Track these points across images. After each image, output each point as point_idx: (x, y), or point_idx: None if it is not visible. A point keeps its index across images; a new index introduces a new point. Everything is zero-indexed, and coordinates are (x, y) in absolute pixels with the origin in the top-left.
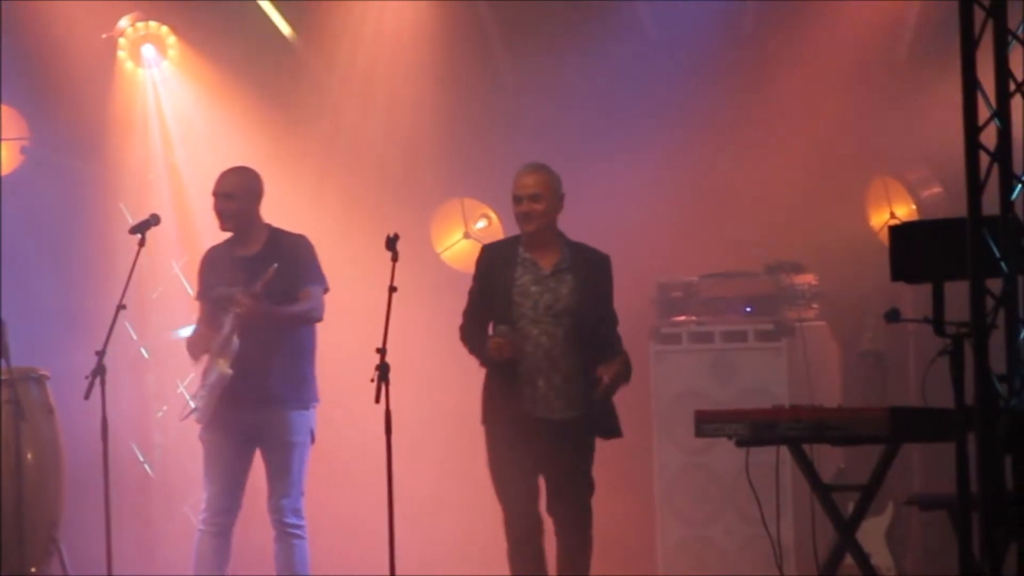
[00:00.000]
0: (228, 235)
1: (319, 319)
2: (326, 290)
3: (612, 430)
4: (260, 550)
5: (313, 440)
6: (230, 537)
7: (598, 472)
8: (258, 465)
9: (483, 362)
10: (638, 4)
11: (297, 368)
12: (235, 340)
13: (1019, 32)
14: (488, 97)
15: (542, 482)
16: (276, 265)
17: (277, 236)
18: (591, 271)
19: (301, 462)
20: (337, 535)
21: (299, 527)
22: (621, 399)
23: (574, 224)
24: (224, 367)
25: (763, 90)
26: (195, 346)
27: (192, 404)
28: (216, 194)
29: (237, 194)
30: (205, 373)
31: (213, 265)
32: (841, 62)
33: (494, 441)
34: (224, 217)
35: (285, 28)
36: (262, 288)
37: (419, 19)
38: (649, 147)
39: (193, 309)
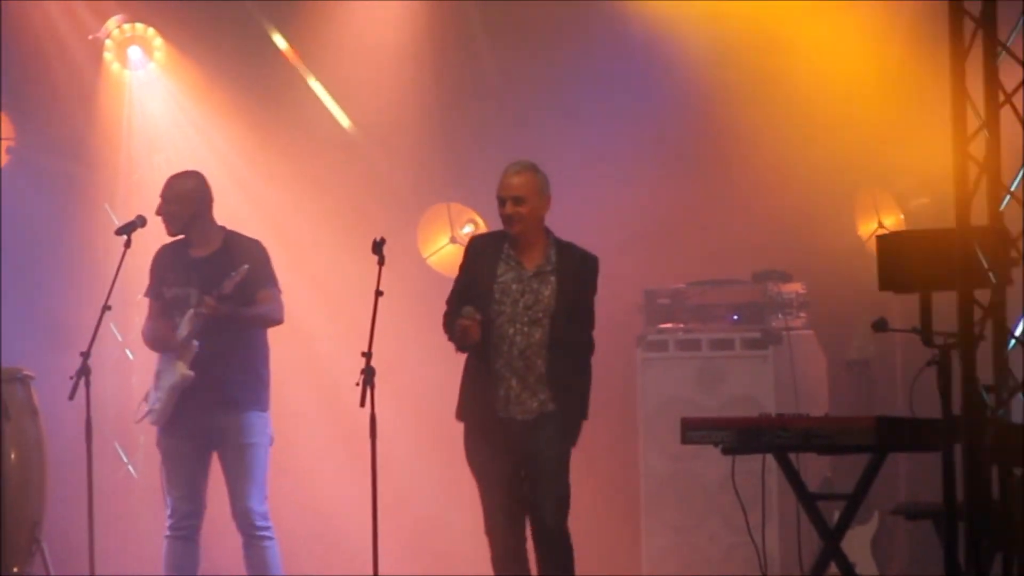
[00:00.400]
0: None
1: (280, 321)
2: (280, 292)
3: (577, 420)
4: (234, 553)
5: (271, 442)
6: (198, 540)
7: (584, 478)
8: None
9: (457, 348)
10: (626, 5)
11: (254, 371)
12: (194, 342)
13: (1008, 43)
14: (473, 99)
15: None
16: (247, 266)
17: (232, 239)
18: (575, 273)
19: (263, 464)
20: (316, 537)
21: (267, 528)
22: (607, 407)
23: (560, 228)
24: (184, 369)
25: (752, 97)
26: (157, 340)
27: (147, 405)
28: (162, 197)
29: (181, 199)
30: (159, 375)
31: (166, 264)
32: (830, 71)
33: (470, 438)
34: (167, 222)
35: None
36: (231, 289)
37: (405, 19)
38: (637, 153)
39: None
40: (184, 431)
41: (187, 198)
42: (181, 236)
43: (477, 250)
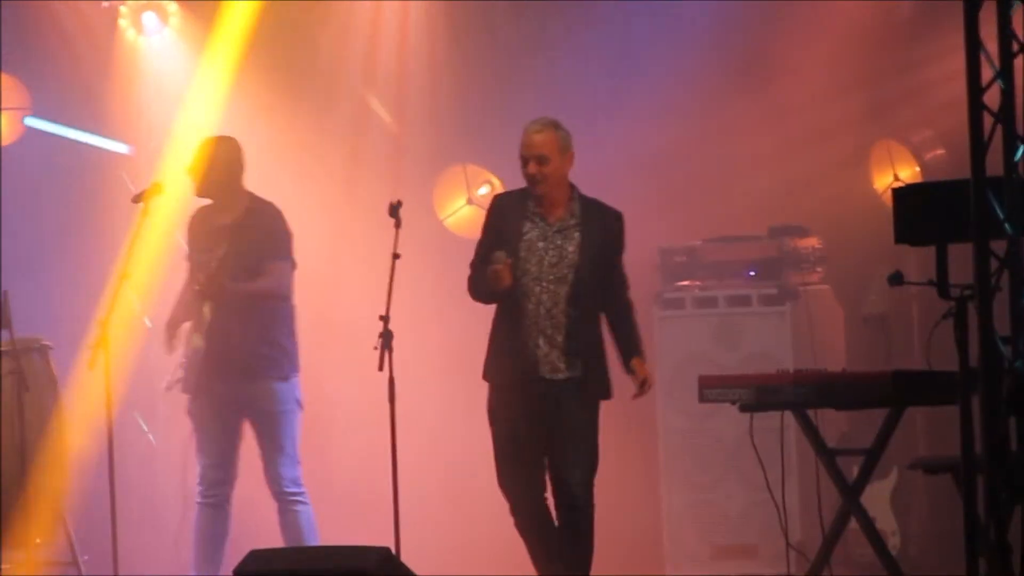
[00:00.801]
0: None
1: (284, 295)
2: (294, 266)
3: (606, 391)
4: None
5: (300, 408)
6: (228, 508)
7: (602, 437)
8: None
9: (488, 298)
10: None
11: (273, 340)
12: (206, 312)
13: None
14: (489, 56)
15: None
16: (224, 251)
17: (256, 206)
18: (600, 228)
19: (292, 431)
20: (338, 503)
21: (300, 494)
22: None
23: (579, 189)
24: (198, 340)
25: (766, 53)
26: (183, 306)
27: (173, 375)
28: (192, 161)
29: (213, 162)
30: (186, 345)
31: (195, 229)
32: (843, 24)
33: (495, 396)
34: (199, 184)
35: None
36: (216, 266)
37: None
38: (652, 110)
39: None
40: (212, 399)
41: (220, 162)
42: (209, 202)
43: (501, 208)
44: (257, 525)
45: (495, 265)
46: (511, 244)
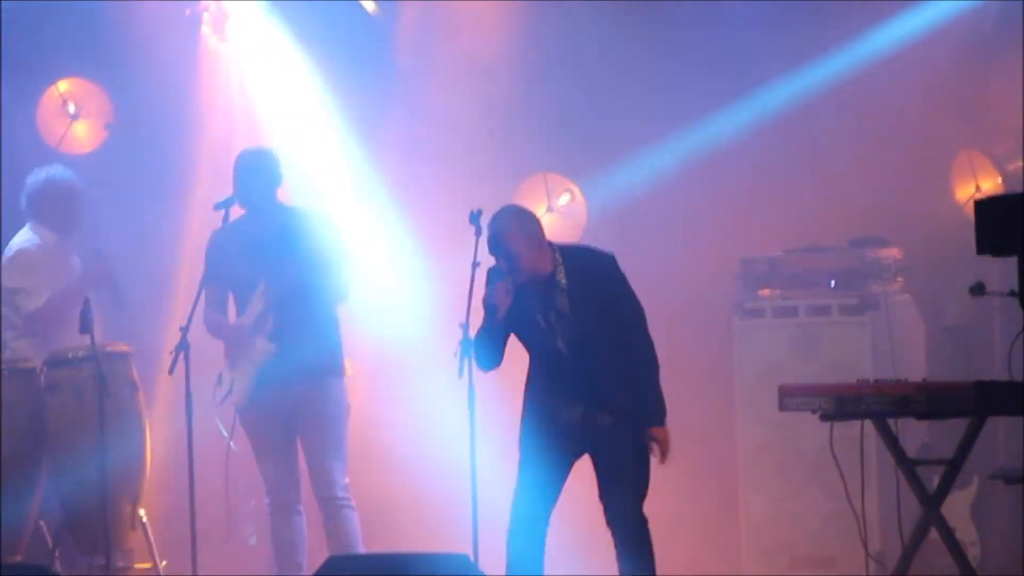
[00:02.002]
0: (230, 218)
1: (349, 290)
2: (353, 265)
3: (651, 419)
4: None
5: (348, 411)
6: (301, 512)
7: (680, 447)
8: None
9: (487, 349)
10: None
11: (328, 338)
12: (271, 316)
13: None
14: (570, 63)
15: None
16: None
17: (297, 213)
18: (589, 280)
19: (343, 435)
20: (417, 509)
21: (349, 499)
22: (704, 375)
23: (656, 200)
24: (265, 343)
25: (849, 62)
26: (220, 328)
27: (226, 388)
28: (239, 169)
29: (260, 169)
30: (234, 355)
31: (223, 247)
32: (928, 32)
33: (529, 424)
34: (248, 193)
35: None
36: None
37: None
38: (732, 122)
39: None
40: (265, 406)
41: (268, 167)
42: (235, 218)
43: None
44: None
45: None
46: (519, 320)
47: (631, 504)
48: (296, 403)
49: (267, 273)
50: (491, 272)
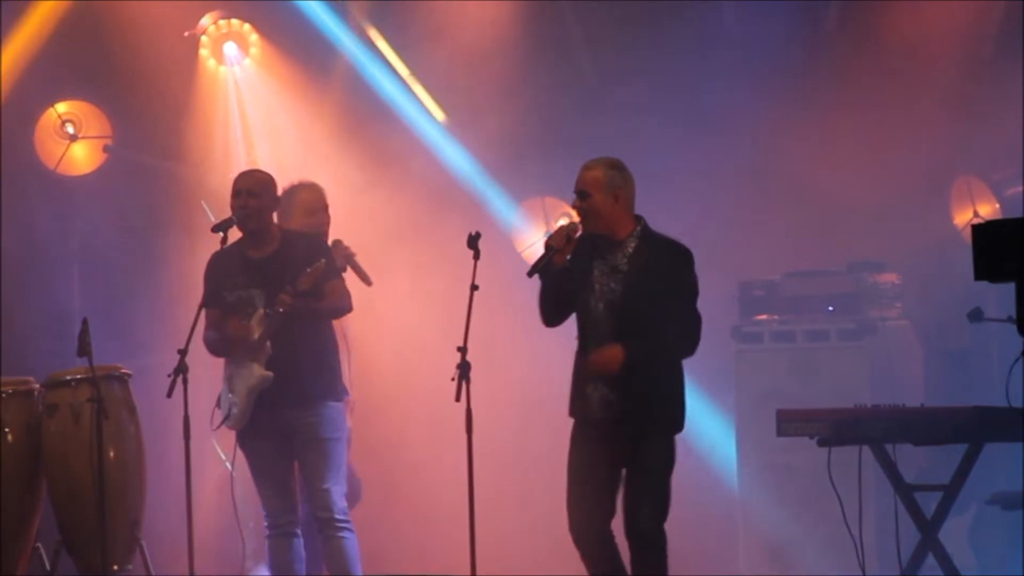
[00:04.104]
0: (229, 240)
1: (350, 309)
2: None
3: (674, 425)
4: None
5: (349, 434)
6: (299, 535)
7: (678, 470)
8: None
9: (550, 299)
10: (721, 3)
11: (325, 362)
12: (268, 344)
13: None
14: (568, 85)
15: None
16: (324, 261)
17: (290, 237)
18: (652, 267)
19: (342, 458)
20: (416, 532)
21: (348, 522)
22: (702, 396)
23: (656, 220)
24: (261, 370)
25: (846, 89)
26: (225, 344)
27: (224, 412)
28: (238, 192)
29: (260, 192)
30: (232, 379)
31: (223, 269)
32: (925, 61)
33: (575, 434)
34: (247, 215)
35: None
36: (309, 285)
37: (500, 18)
38: (731, 144)
39: None
40: (263, 430)
41: (272, 192)
42: (230, 240)
43: (576, 251)
44: None
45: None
46: (581, 291)
47: (654, 515)
48: (294, 427)
49: (265, 298)
50: (579, 242)
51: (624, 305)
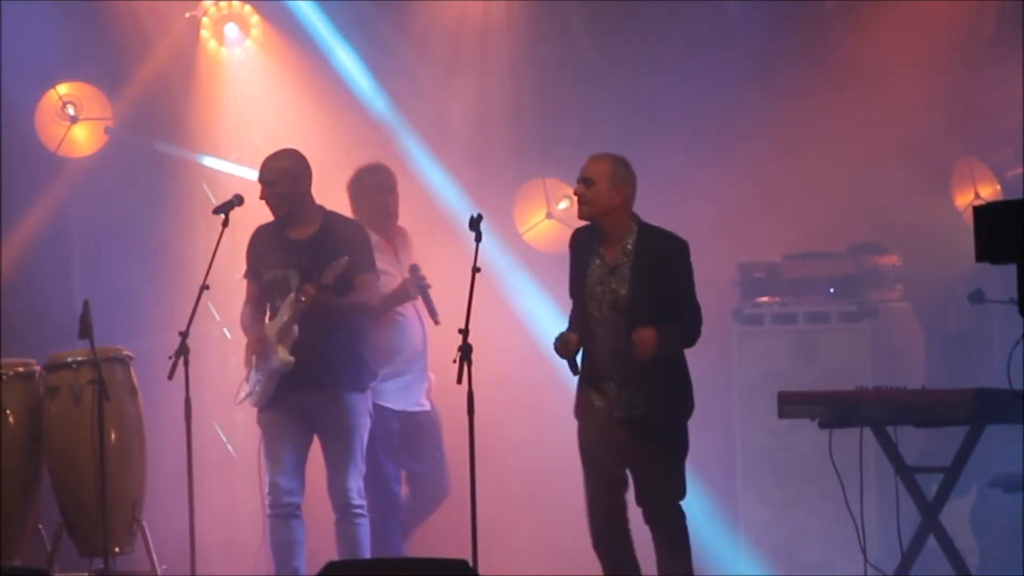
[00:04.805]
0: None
1: (374, 306)
2: (378, 276)
3: (685, 411)
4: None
5: (371, 421)
6: (301, 518)
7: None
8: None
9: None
10: None
11: (353, 352)
12: (295, 327)
13: None
14: (569, 70)
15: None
16: (347, 259)
17: (332, 221)
18: (654, 261)
19: (362, 444)
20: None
21: (362, 507)
22: (703, 381)
23: (655, 204)
24: (285, 355)
25: (847, 70)
26: (246, 331)
27: (248, 388)
28: (260, 181)
29: (277, 180)
30: (261, 358)
31: (264, 246)
32: (925, 42)
33: (580, 438)
34: (271, 204)
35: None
36: (331, 280)
37: (503, 9)
38: (733, 126)
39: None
40: (283, 407)
41: (288, 176)
42: (280, 217)
43: (575, 246)
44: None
45: (563, 334)
46: (580, 287)
47: (669, 504)
48: (315, 411)
49: (300, 281)
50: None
51: (630, 305)
